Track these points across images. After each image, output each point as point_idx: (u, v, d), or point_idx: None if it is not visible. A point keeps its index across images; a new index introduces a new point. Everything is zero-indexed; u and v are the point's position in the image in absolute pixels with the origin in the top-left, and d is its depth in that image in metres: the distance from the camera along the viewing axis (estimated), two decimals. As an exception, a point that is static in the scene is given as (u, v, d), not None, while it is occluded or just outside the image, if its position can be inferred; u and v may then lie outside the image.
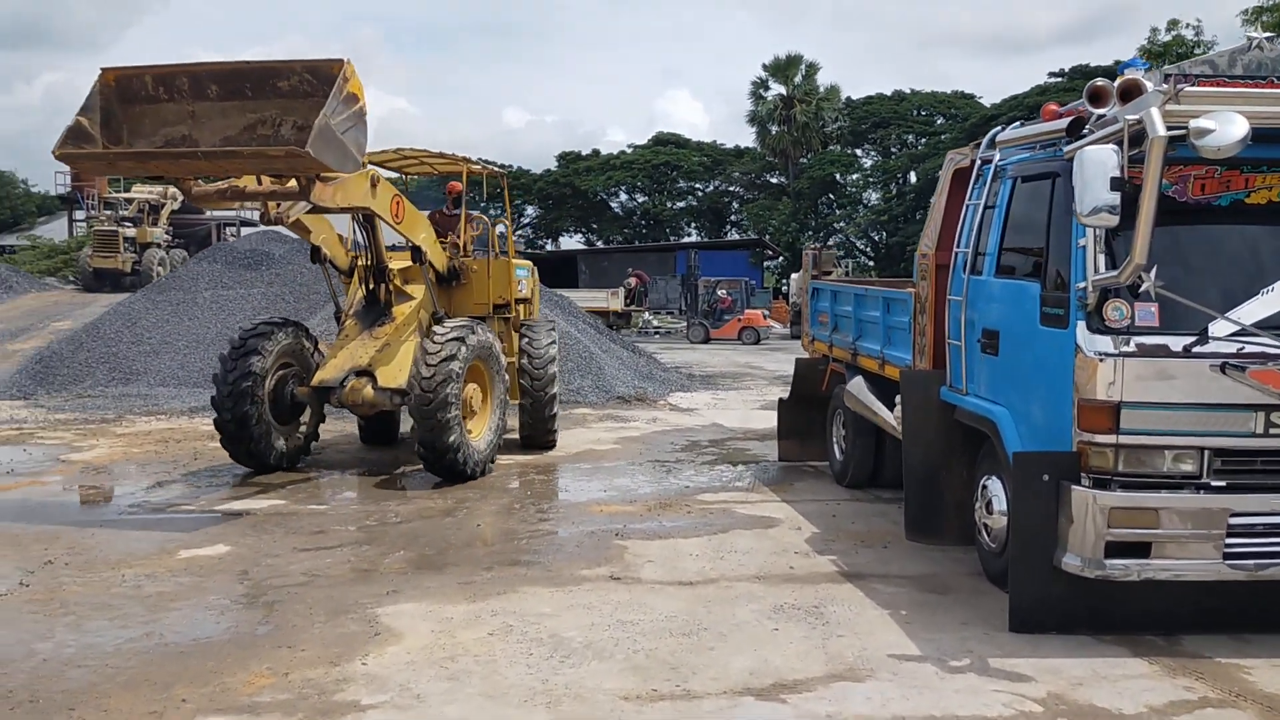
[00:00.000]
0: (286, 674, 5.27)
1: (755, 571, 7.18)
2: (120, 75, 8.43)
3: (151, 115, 8.49)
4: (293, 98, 8.20)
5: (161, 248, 32.04)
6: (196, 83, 8.40)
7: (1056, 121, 6.34)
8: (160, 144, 8.37)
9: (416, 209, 10.82)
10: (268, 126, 8.28)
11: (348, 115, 7.93)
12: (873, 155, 57.86)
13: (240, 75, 8.37)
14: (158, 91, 8.46)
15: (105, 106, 8.38)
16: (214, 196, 9.18)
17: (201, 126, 8.40)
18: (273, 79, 8.29)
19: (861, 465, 9.83)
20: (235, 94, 8.37)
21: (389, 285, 10.99)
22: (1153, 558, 5.62)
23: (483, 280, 11.71)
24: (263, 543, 7.88)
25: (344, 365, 10.43)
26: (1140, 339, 5.60)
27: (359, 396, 10.21)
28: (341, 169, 8.11)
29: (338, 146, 7.83)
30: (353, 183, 9.19)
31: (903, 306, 8.38)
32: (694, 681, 5.23)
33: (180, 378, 17.40)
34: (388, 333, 10.73)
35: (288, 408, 10.65)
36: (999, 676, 5.32)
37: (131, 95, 8.46)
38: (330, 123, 7.70)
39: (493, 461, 10.68)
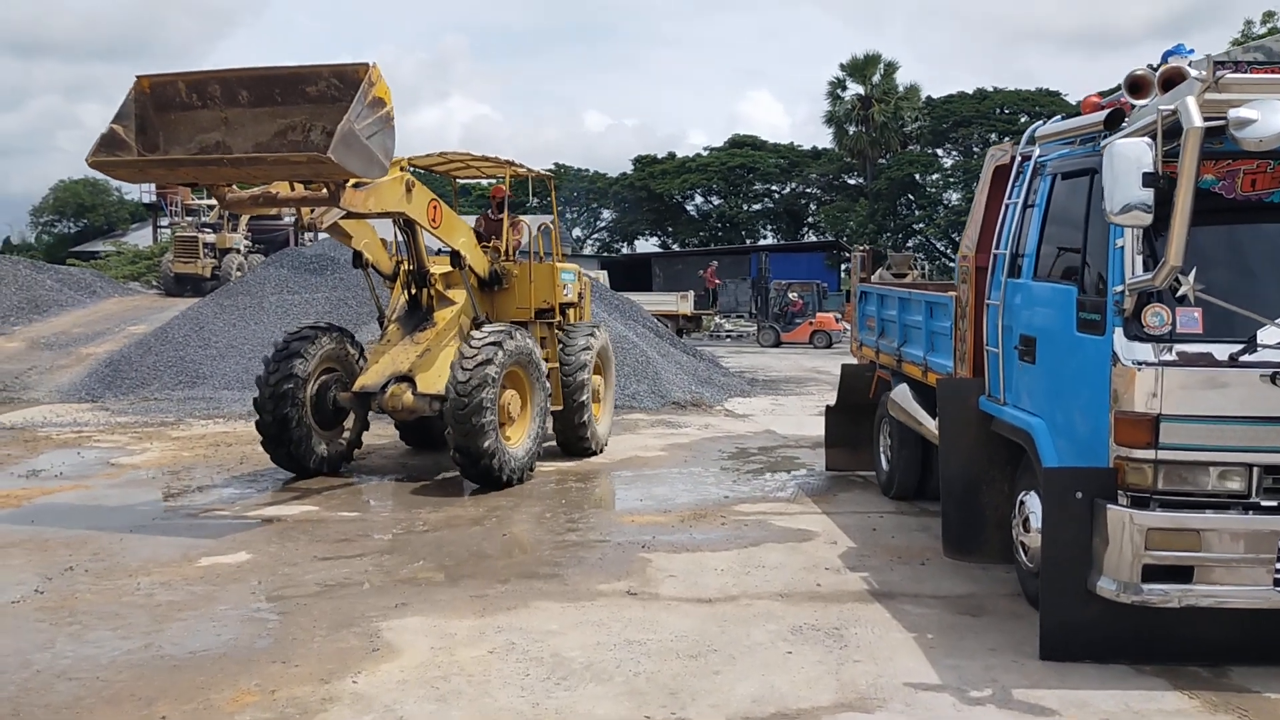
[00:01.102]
0: (273, 692, 5.13)
1: (779, 589, 6.87)
2: (155, 82, 8.47)
3: (186, 122, 8.53)
4: (321, 103, 8.18)
5: (240, 253, 32.66)
6: (228, 89, 8.42)
7: (1096, 114, 5.92)
8: (195, 150, 8.39)
9: (456, 214, 10.77)
10: (298, 132, 8.28)
11: (374, 120, 7.86)
12: (954, 155, 56.69)
13: (270, 81, 8.37)
14: (191, 98, 8.51)
15: (140, 114, 8.43)
16: (248, 203, 9.24)
17: (234, 132, 8.43)
18: (301, 84, 8.27)
19: (907, 476, 9.44)
20: (266, 100, 8.39)
21: (431, 290, 10.98)
22: (1195, 583, 5.18)
23: (525, 285, 11.54)
24: (285, 551, 7.81)
25: (385, 371, 10.41)
26: (1182, 347, 5.18)
27: (399, 402, 10.18)
28: (367, 174, 8.04)
29: (362, 151, 7.76)
30: (386, 188, 9.15)
31: (944, 311, 8.00)
32: (691, 709, 4.96)
33: (244, 381, 17.57)
34: (429, 338, 10.70)
35: (330, 413, 10.65)
36: (1021, 710, 4.95)
37: (166, 102, 8.52)
38: (354, 128, 7.64)
39: (532, 469, 10.54)
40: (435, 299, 11.03)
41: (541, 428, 10.72)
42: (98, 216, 58.52)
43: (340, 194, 8.45)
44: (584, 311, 12.79)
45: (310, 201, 9.02)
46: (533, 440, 10.48)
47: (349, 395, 10.55)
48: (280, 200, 9.17)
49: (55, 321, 22.99)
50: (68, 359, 19.54)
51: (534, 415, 10.55)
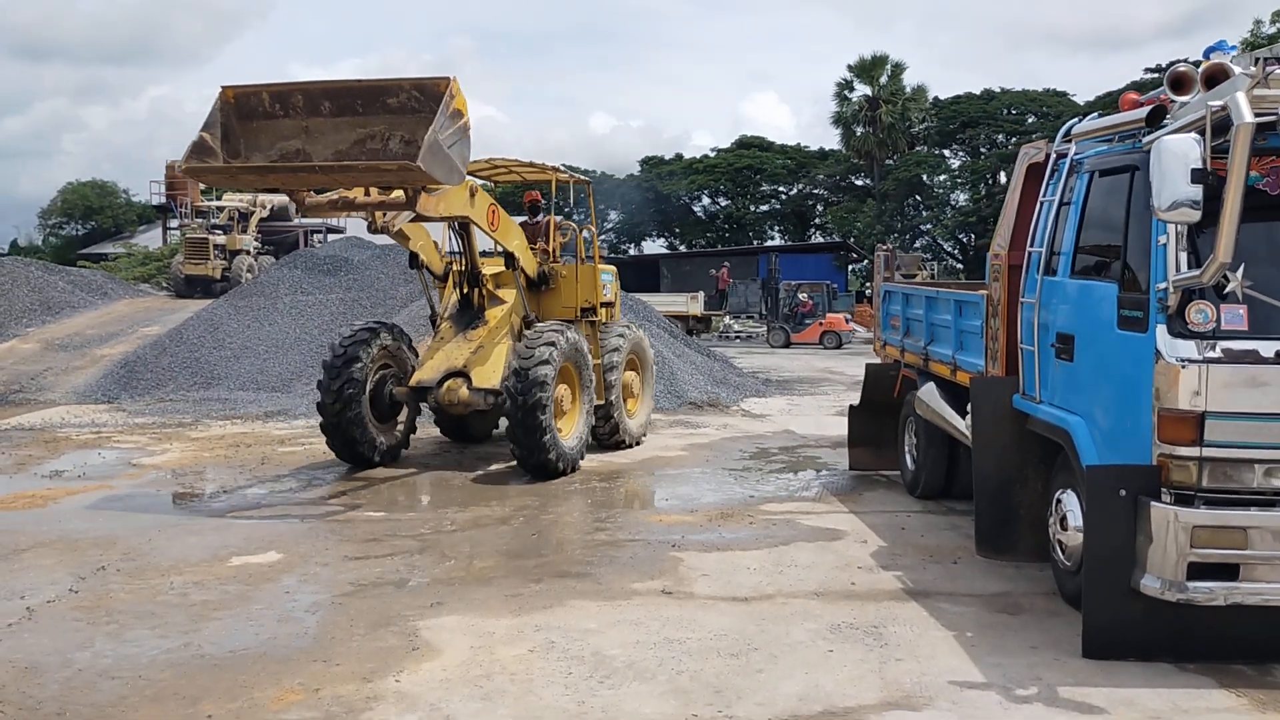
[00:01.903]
0: (317, 690, 5.13)
1: (814, 588, 6.85)
2: (240, 93, 8.91)
3: (268, 130, 8.95)
4: (400, 114, 8.64)
5: (250, 254, 32.68)
6: (310, 100, 8.87)
7: (1136, 111, 5.92)
8: (275, 157, 8.81)
9: (511, 219, 11.27)
10: (377, 141, 8.72)
11: (453, 130, 8.37)
12: (961, 156, 56.62)
13: (352, 92, 8.84)
14: (274, 108, 8.94)
15: (225, 122, 8.84)
16: (325, 207, 9.79)
17: (314, 141, 8.85)
18: (382, 96, 8.74)
19: (934, 475, 9.41)
20: (346, 110, 8.82)
21: (483, 289, 11.43)
22: (1241, 580, 5.16)
23: (571, 285, 12.02)
24: (315, 550, 7.81)
25: (440, 366, 10.90)
26: (1227, 344, 5.16)
27: (455, 396, 10.67)
28: (448, 181, 8.54)
29: (445, 160, 8.27)
30: (454, 193, 9.63)
31: (974, 310, 7.98)
32: (738, 707, 4.94)
33: (259, 382, 17.64)
34: (481, 335, 11.16)
35: (387, 407, 11.12)
36: (1068, 708, 4.93)
37: (250, 112, 8.95)
38: (439, 138, 8.13)
39: (582, 457, 10.95)
40: (487, 298, 11.46)
41: (589, 420, 11.22)
42: (105, 219, 58.55)
43: (415, 199, 8.94)
44: (616, 311, 13.16)
45: (386, 206, 9.44)
46: (582, 432, 10.98)
47: (405, 390, 11.02)
48: (357, 205, 9.58)
49: (68, 323, 22.98)
50: (83, 360, 19.54)
51: (582, 408, 11.06)
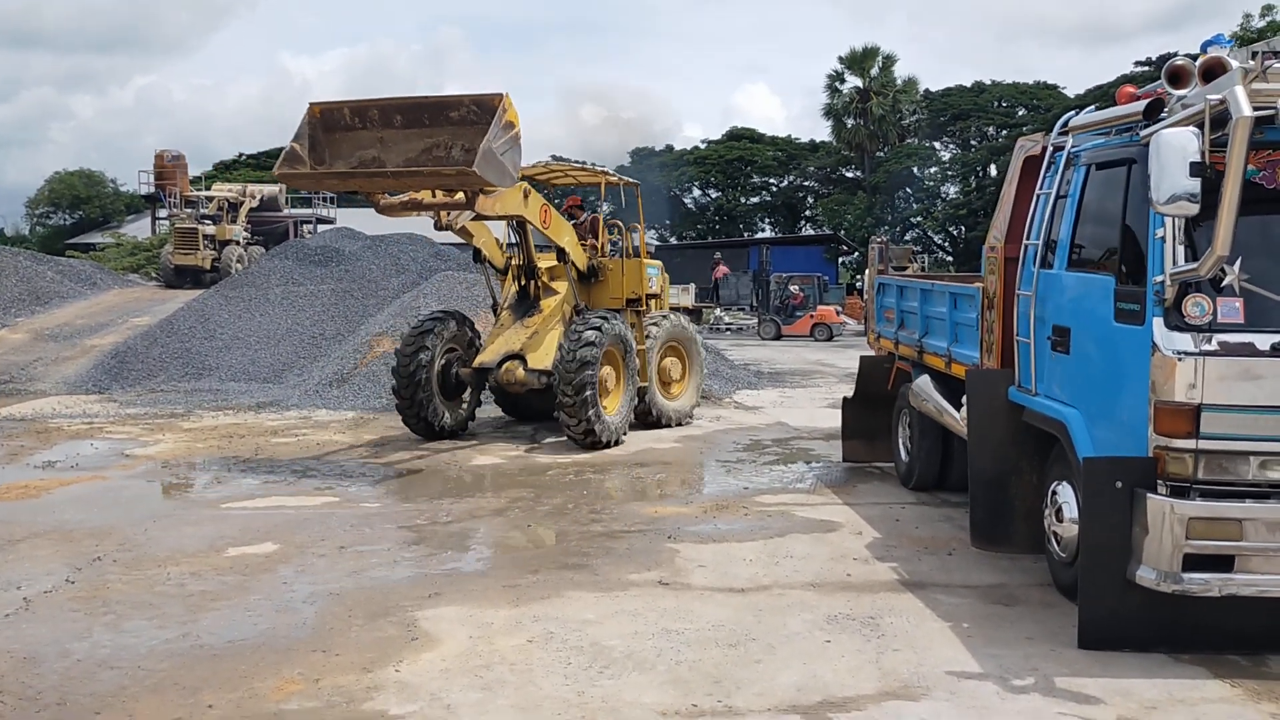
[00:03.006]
0: (317, 680, 5.14)
1: (810, 579, 6.88)
2: (324, 108, 10.17)
3: (349, 141, 10.16)
4: (461, 125, 9.75)
5: (240, 245, 32.58)
6: (384, 114, 10.10)
7: (1133, 104, 5.95)
8: (355, 164, 10.03)
9: (562, 217, 12.54)
10: (441, 149, 9.86)
11: (506, 139, 9.44)
12: (951, 148, 56.65)
13: (420, 108, 10.10)
14: (354, 121, 10.16)
15: (312, 134, 10.09)
16: (397, 208, 10.82)
17: (388, 149, 10.05)
18: (445, 110, 9.96)
19: (928, 467, 9.45)
20: (415, 123, 10.04)
21: (538, 281, 12.81)
22: (1236, 572, 5.20)
23: (618, 278, 13.26)
24: (312, 540, 7.81)
25: (500, 350, 12.27)
26: (1223, 337, 5.19)
27: (512, 376, 12.01)
28: (500, 184, 9.64)
29: (498, 166, 9.34)
30: (509, 195, 10.79)
31: (970, 302, 8.01)
32: (737, 697, 4.97)
33: (250, 373, 17.63)
34: (536, 322, 12.52)
35: (453, 386, 12.46)
36: (1065, 698, 4.96)
37: (332, 124, 10.17)
38: (492, 146, 9.18)
39: (625, 433, 12.14)
40: (542, 289, 12.84)
41: (632, 399, 12.36)
42: (93, 208, 58.19)
43: (474, 200, 10.24)
44: (663, 302, 14.30)
45: (448, 206, 10.67)
46: (625, 409, 12.16)
47: (469, 371, 12.42)
48: (424, 205, 10.77)
49: (58, 313, 22.90)
50: (72, 351, 19.49)
51: (626, 389, 12.26)
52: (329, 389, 15.72)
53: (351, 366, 16.24)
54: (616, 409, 11.98)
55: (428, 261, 21.08)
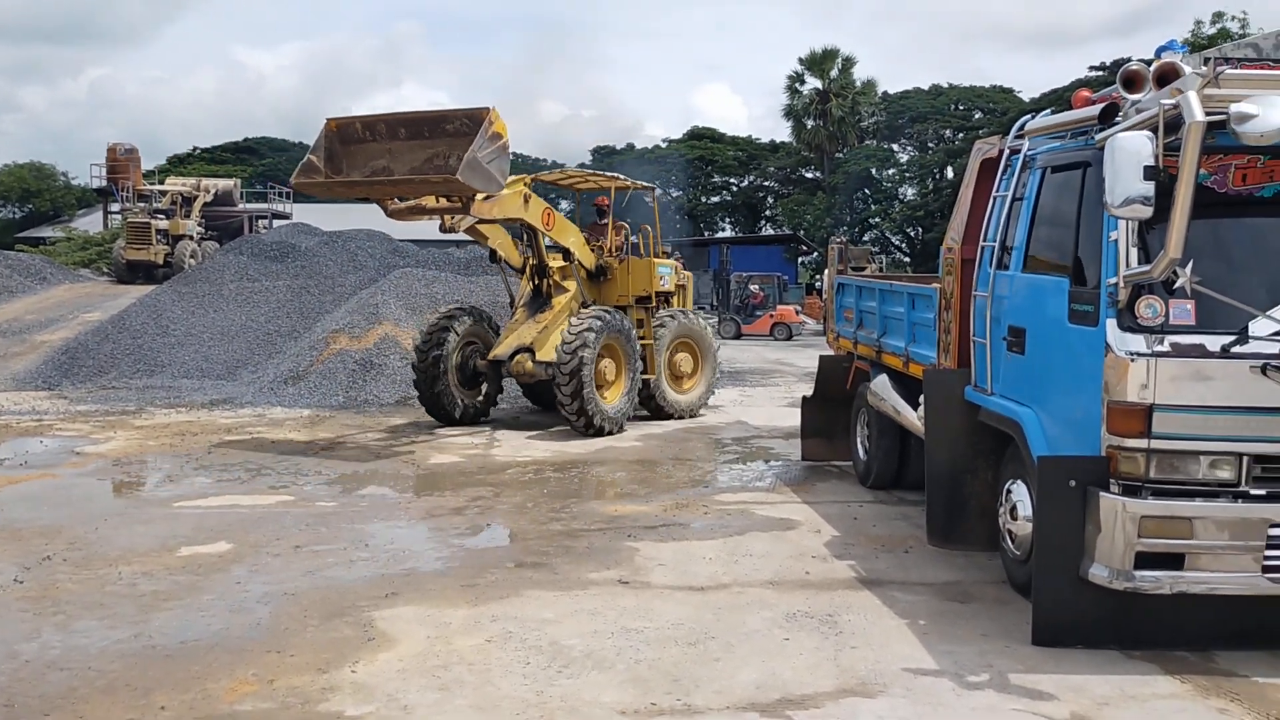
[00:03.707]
0: (272, 681, 5.07)
1: (770, 577, 6.91)
2: (340, 123, 11.22)
3: (361, 152, 11.17)
4: (456, 136, 10.56)
5: (194, 240, 32.15)
6: (391, 127, 11.08)
7: (1088, 108, 6.02)
8: (368, 174, 10.98)
9: (566, 219, 13.42)
10: (440, 158, 10.67)
11: (492, 149, 10.26)
12: (909, 150, 57.19)
13: (421, 121, 11.06)
14: (365, 134, 11.14)
15: (329, 146, 11.08)
16: (405, 212, 11.71)
17: (396, 159, 11.00)
18: (443, 123, 10.82)
19: (885, 466, 9.52)
20: (417, 135, 10.98)
21: (550, 280, 13.62)
22: (1186, 570, 5.28)
23: (626, 276, 14.03)
24: (266, 540, 7.71)
25: (513, 344, 13.15)
26: (1175, 338, 5.26)
27: (522, 368, 12.92)
28: (486, 190, 10.52)
29: (483, 173, 10.16)
30: (507, 199, 11.68)
31: (927, 302, 8.08)
32: (696, 695, 4.97)
33: (204, 370, 17.41)
34: (547, 318, 13.31)
35: (471, 376, 13.38)
36: (1019, 694, 5.02)
37: (347, 137, 11.18)
38: (477, 155, 9.99)
39: (625, 423, 12.99)
40: (553, 287, 13.66)
41: (633, 391, 13.15)
42: (43, 202, 57.09)
43: (470, 204, 11.07)
44: (686, 300, 15.29)
45: (447, 210, 11.54)
46: (625, 400, 12.97)
47: (485, 363, 13.30)
48: (428, 209, 11.59)
49: (6, 308, 22.50)
50: (21, 346, 19.14)
51: (627, 380, 13.04)
52: (284, 386, 15.55)
53: (307, 364, 16.07)
54: (616, 399, 12.85)
55: (386, 258, 20.95)
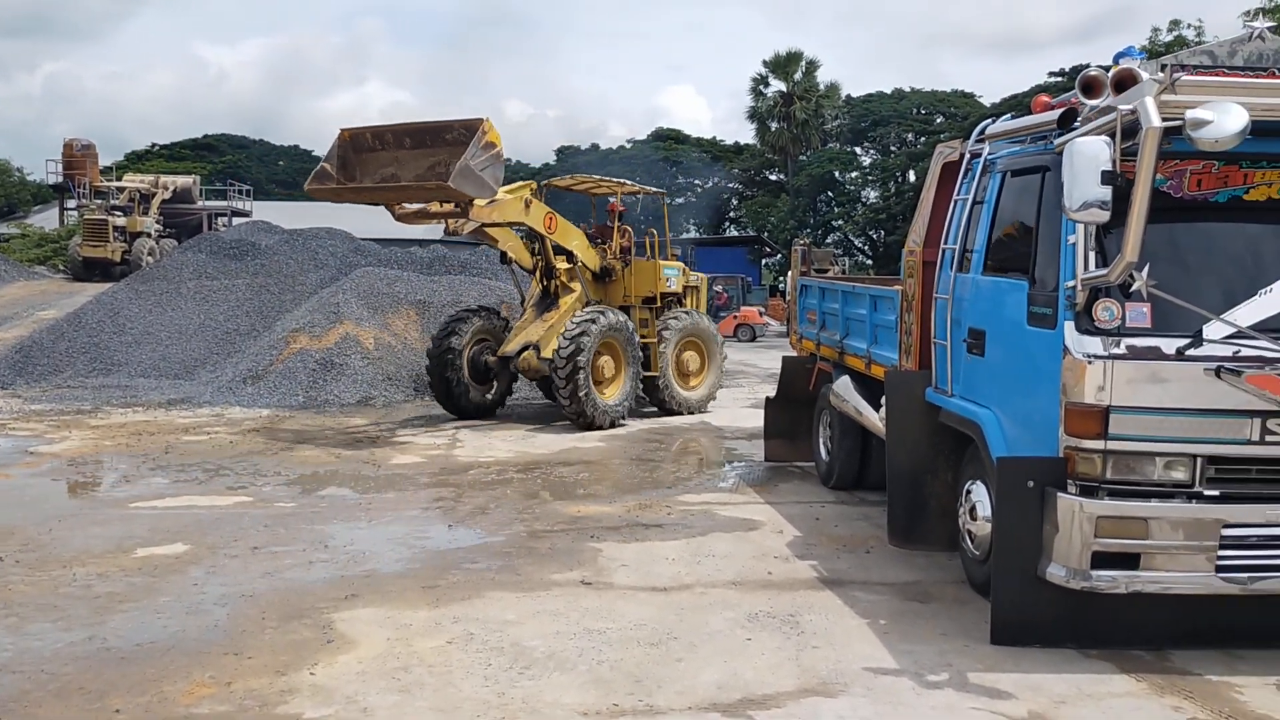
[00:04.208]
0: (229, 684, 5.01)
1: (732, 577, 6.93)
2: (353, 133, 12.06)
3: (372, 160, 12.05)
4: (456, 145, 11.30)
5: (151, 237, 31.74)
6: (397, 137, 11.96)
7: (1047, 113, 6.09)
8: (378, 180, 11.85)
9: (569, 223, 13.99)
10: (441, 166, 11.32)
11: (486, 157, 11.09)
12: (872, 153, 57.47)
13: (424, 131, 11.89)
14: (375, 143, 12.02)
15: (342, 155, 11.97)
16: (412, 216, 12.51)
17: (403, 167, 11.85)
18: (443, 133, 11.65)
19: (847, 467, 9.58)
20: (421, 144, 11.84)
21: (556, 281, 14.27)
22: (1142, 569, 5.35)
23: (630, 278, 14.81)
24: (224, 541, 7.62)
25: (520, 341, 13.85)
26: (1131, 341, 5.33)
27: (528, 364, 13.57)
28: (479, 195, 11.33)
29: (475, 180, 10.98)
30: (508, 204, 12.53)
31: (889, 304, 8.13)
32: (658, 696, 4.97)
33: (161, 369, 17.19)
34: (553, 317, 13.95)
35: (482, 371, 14.01)
36: (978, 693, 5.07)
37: (359, 146, 12.06)
38: (470, 163, 10.84)
39: (625, 417, 13.56)
40: (560, 288, 14.29)
41: (632, 386, 13.66)
42: (-2, 198, 56.19)
43: (469, 209, 11.84)
44: (699, 301, 16.07)
45: (449, 215, 12.30)
46: (624, 395, 13.51)
47: (495, 359, 13.94)
48: (433, 214, 12.42)
49: (-42, 306, 22.06)
50: (-27, 344, 18.77)
51: (626, 376, 13.58)
52: (243, 386, 15.38)
53: (267, 363, 15.91)
54: (615, 394, 13.44)
55: (348, 256, 20.77)
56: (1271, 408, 5.21)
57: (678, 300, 15.44)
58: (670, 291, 15.13)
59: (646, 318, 14.80)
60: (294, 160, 71.70)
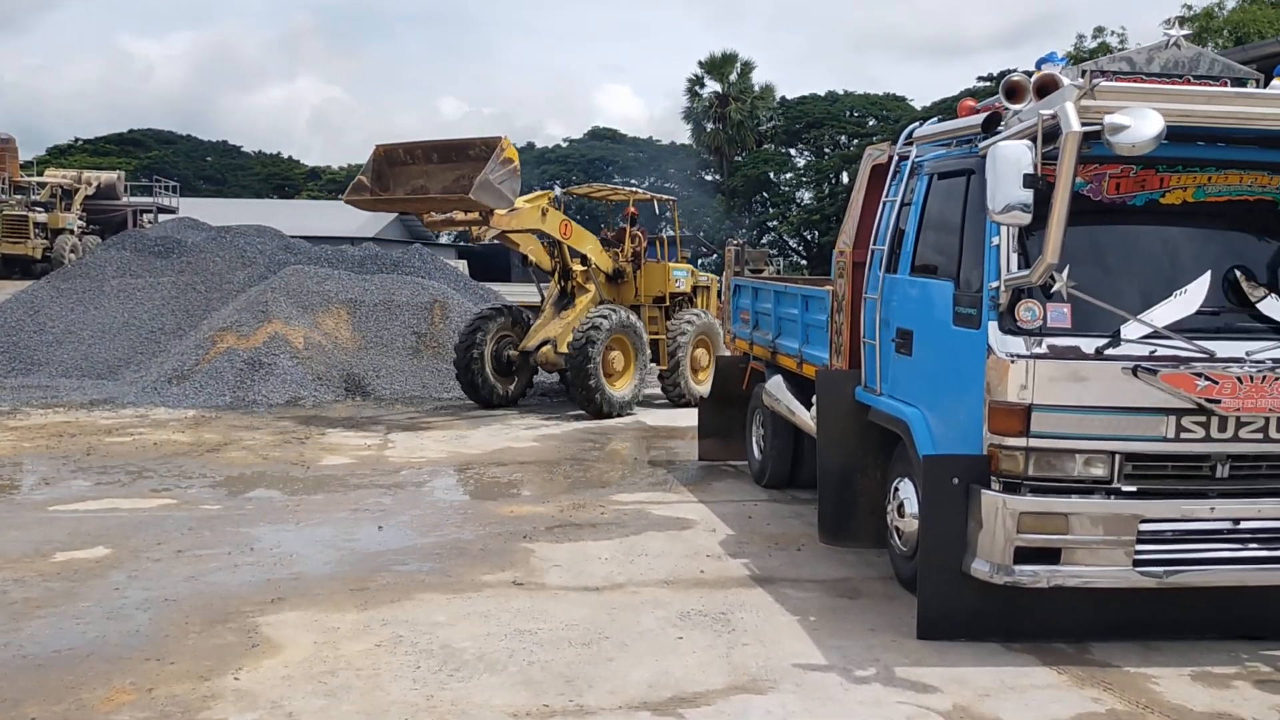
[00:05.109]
0: (150, 690, 4.90)
1: (665, 576, 6.94)
2: (386, 149, 13.56)
3: (404, 173, 13.52)
4: (477, 161, 12.74)
5: (74, 234, 31.00)
6: (426, 152, 13.48)
7: (972, 117, 6.20)
8: (408, 191, 13.34)
9: (584, 229, 15.24)
10: (466, 179, 12.64)
11: (504, 172, 12.51)
12: (806, 155, 58.09)
13: (450, 148, 13.40)
14: (406, 158, 13.51)
15: (376, 168, 13.47)
16: (440, 224, 13.91)
17: (431, 179, 13.33)
18: (466, 149, 13.16)
19: (779, 465, 9.66)
20: (447, 159, 13.34)
21: (573, 282, 15.46)
22: (1063, 564, 5.47)
23: (641, 279, 16.04)
24: (147, 544, 7.46)
25: (540, 337, 15.04)
26: (1052, 340, 5.45)
27: (546, 358, 14.85)
28: (498, 206, 12.72)
29: (494, 192, 12.41)
30: (525, 213, 13.73)
31: (820, 304, 8.22)
32: (589, 695, 4.97)
33: (84, 369, 16.78)
34: (570, 315, 15.08)
35: (505, 365, 15.16)
36: (904, 687, 5.14)
37: (392, 160, 13.56)
38: (489, 177, 12.26)
39: (632, 409, 14.67)
40: (576, 288, 15.46)
41: (643, 379, 14.87)
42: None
43: (489, 217, 13.08)
44: (710, 300, 16.87)
45: (472, 223, 13.53)
46: (633, 388, 14.65)
47: (516, 354, 15.16)
48: (458, 222, 13.72)
49: None
50: (-116, 343, 18.10)
51: (636, 370, 14.70)
52: (168, 386, 15.05)
53: (193, 363, 15.59)
54: (625, 387, 14.52)
55: (277, 254, 20.40)
56: (1185, 406, 5.35)
57: (689, 300, 16.56)
58: (679, 292, 16.28)
59: (656, 316, 16.03)
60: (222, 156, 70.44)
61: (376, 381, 16.09)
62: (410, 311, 17.70)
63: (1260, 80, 6.11)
